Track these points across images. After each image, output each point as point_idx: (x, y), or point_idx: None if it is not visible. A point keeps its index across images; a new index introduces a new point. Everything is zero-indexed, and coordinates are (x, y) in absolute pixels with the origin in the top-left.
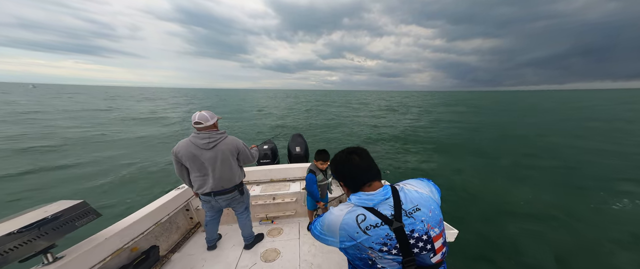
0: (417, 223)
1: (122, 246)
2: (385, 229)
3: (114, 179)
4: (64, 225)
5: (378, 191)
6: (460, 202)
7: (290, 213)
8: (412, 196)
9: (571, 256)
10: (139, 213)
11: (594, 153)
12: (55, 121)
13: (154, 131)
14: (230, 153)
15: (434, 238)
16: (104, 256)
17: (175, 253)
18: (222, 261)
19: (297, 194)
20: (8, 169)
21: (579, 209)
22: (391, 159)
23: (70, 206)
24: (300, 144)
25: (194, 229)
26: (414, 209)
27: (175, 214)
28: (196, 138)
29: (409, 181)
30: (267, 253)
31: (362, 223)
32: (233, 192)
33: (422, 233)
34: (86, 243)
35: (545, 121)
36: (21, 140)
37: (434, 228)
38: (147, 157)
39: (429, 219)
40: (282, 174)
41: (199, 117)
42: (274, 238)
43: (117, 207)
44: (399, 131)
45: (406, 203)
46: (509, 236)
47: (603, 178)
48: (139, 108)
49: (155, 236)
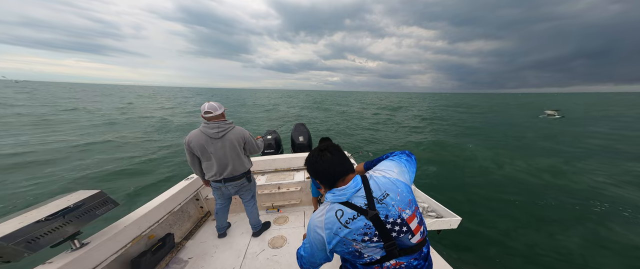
0: (389, 208)
1: (140, 233)
2: (362, 220)
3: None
4: (86, 213)
5: (349, 185)
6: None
7: (295, 202)
8: (380, 182)
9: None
10: (152, 202)
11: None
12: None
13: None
14: (237, 142)
15: (408, 220)
16: (125, 243)
17: (189, 240)
18: (232, 247)
19: (302, 183)
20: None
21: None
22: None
23: (89, 195)
24: (303, 133)
25: (205, 217)
26: (383, 195)
27: (186, 204)
28: (206, 128)
29: (380, 165)
30: (275, 240)
31: (342, 217)
32: (242, 179)
33: (395, 216)
34: (108, 230)
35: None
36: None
37: (405, 209)
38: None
39: (398, 202)
40: (287, 164)
41: (208, 107)
42: (281, 226)
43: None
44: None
45: (376, 190)
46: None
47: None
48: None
49: (169, 224)
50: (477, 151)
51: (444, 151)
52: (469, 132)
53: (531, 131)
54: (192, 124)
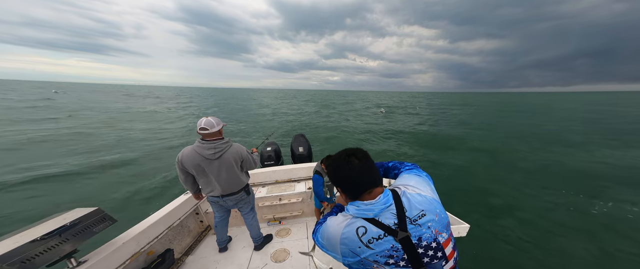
0: (423, 230)
1: (139, 250)
2: (389, 241)
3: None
4: (83, 231)
5: (378, 199)
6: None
7: (297, 213)
8: (415, 201)
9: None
10: (152, 218)
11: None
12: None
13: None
14: (234, 161)
15: (444, 244)
16: (123, 260)
17: (189, 256)
18: (234, 262)
19: (303, 194)
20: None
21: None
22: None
23: (86, 213)
24: (303, 144)
25: (205, 232)
26: (420, 215)
27: (185, 218)
28: (201, 148)
29: (409, 180)
30: (277, 253)
31: (363, 236)
32: (240, 193)
33: (430, 240)
34: (105, 248)
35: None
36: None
37: (442, 232)
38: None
39: (436, 224)
40: (287, 175)
41: (205, 123)
42: (283, 238)
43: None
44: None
45: (410, 209)
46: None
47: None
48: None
49: (169, 239)
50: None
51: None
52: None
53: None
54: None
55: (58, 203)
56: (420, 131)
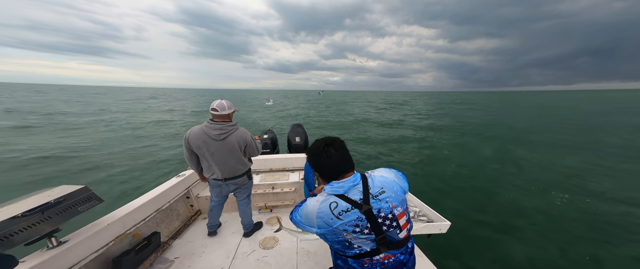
0: (382, 204)
1: (124, 232)
2: (355, 213)
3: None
4: (67, 210)
5: (348, 179)
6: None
7: (288, 203)
8: (377, 181)
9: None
10: (141, 199)
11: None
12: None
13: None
14: (238, 145)
15: (398, 216)
16: (107, 241)
17: (176, 239)
18: (222, 247)
19: (296, 184)
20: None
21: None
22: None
23: (72, 191)
24: (300, 134)
25: (195, 216)
26: (380, 191)
27: (175, 202)
28: (208, 128)
29: (379, 170)
30: (266, 240)
31: (335, 209)
32: (242, 177)
33: (387, 212)
34: (89, 228)
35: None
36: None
37: (397, 207)
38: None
39: (392, 199)
40: (282, 164)
41: (217, 105)
42: (273, 227)
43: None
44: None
45: (373, 187)
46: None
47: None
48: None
49: (156, 222)
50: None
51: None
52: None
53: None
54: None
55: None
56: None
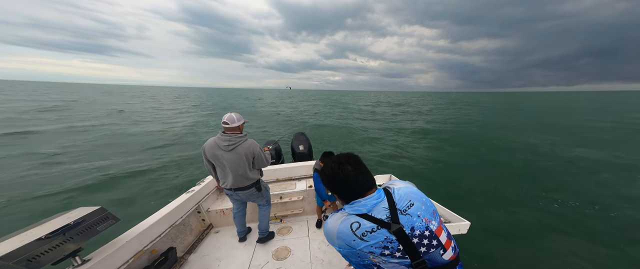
0: (414, 219)
1: (142, 248)
2: (383, 233)
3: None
4: (87, 230)
5: (370, 196)
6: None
7: (298, 211)
8: (403, 192)
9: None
10: (154, 217)
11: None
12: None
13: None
14: (246, 156)
15: (436, 232)
16: (127, 258)
17: (192, 254)
18: (236, 260)
19: (304, 193)
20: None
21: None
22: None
23: (90, 212)
24: (303, 142)
25: (207, 230)
26: (408, 205)
27: (187, 217)
28: (220, 139)
29: (396, 181)
30: (279, 251)
31: (357, 230)
32: (251, 189)
33: (423, 229)
34: (109, 246)
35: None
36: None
37: (431, 221)
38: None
39: (425, 213)
40: (288, 173)
41: (227, 118)
42: (284, 237)
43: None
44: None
45: (399, 201)
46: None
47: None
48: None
49: (171, 238)
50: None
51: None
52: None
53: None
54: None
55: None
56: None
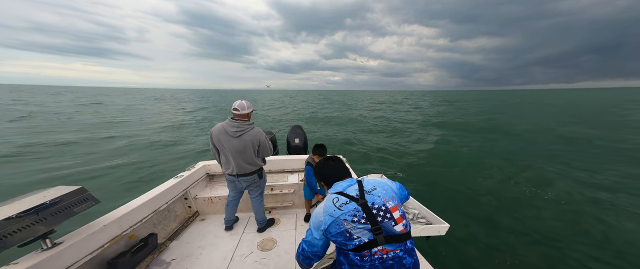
0: (375, 198)
1: (120, 233)
2: (353, 204)
3: None
4: (63, 211)
5: (345, 180)
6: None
7: (287, 204)
8: (369, 181)
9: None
10: (138, 200)
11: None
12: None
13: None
14: (252, 144)
15: (391, 209)
16: (102, 243)
17: (174, 241)
18: (219, 248)
19: (295, 186)
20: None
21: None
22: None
23: (69, 191)
24: (299, 135)
25: (192, 217)
26: (372, 188)
27: (173, 203)
28: (228, 125)
29: (374, 177)
30: (264, 242)
31: (337, 202)
32: (254, 175)
33: (380, 204)
34: (85, 229)
35: None
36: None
37: (389, 201)
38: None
39: (384, 195)
40: (281, 165)
41: (238, 105)
42: (271, 228)
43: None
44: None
45: (366, 186)
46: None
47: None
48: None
49: (153, 223)
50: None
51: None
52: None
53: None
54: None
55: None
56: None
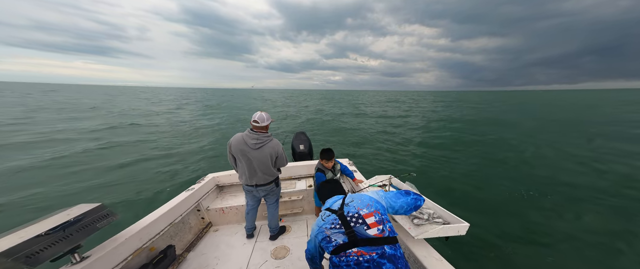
0: (350, 208)
1: (141, 245)
2: (333, 216)
3: None
4: (87, 227)
5: (334, 198)
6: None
7: (297, 211)
8: (352, 196)
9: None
10: (154, 214)
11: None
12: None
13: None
14: (270, 155)
15: (365, 216)
16: (126, 256)
17: (190, 252)
18: (233, 258)
19: (304, 192)
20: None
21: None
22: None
23: (90, 209)
24: (304, 141)
25: (206, 228)
26: (350, 201)
27: (187, 215)
28: (248, 137)
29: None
30: (277, 250)
31: (323, 216)
32: (271, 184)
33: (353, 212)
34: (108, 243)
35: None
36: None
37: (363, 209)
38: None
39: (359, 204)
40: (288, 173)
41: (258, 117)
42: (283, 236)
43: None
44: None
45: (347, 199)
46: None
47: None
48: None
49: (170, 235)
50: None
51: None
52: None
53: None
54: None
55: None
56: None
